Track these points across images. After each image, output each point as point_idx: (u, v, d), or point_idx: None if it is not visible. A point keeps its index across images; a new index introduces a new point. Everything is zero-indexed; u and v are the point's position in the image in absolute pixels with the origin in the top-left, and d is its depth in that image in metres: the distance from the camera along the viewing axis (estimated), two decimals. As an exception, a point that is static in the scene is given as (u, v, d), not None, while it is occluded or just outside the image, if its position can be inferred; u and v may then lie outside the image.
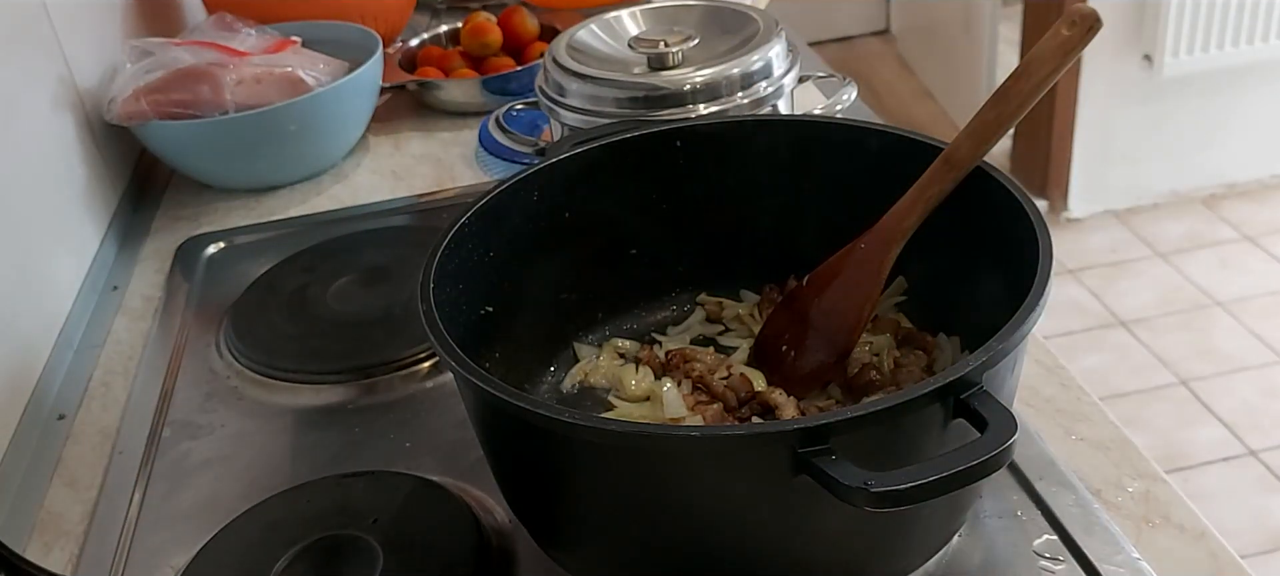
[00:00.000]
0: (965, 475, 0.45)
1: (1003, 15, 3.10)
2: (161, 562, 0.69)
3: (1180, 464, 2.10)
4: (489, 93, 1.25)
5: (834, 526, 0.53)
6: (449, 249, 0.65)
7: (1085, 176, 2.78)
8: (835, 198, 0.73)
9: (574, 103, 0.90)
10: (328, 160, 1.19)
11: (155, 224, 1.13)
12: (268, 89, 1.11)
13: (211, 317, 0.93)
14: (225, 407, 0.82)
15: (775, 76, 0.90)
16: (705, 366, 0.72)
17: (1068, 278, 2.63)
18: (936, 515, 0.57)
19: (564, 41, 0.94)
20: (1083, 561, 0.61)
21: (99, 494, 0.76)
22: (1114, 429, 0.71)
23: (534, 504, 0.61)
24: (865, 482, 0.45)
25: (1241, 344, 2.39)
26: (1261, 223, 2.76)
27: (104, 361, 0.91)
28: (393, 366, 0.83)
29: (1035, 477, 0.66)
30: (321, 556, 0.64)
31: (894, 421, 0.49)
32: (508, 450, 0.60)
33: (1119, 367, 2.35)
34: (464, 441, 0.72)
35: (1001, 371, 0.52)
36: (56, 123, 1.03)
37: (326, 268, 0.95)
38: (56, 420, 0.84)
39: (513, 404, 0.52)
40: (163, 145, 1.13)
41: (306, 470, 0.74)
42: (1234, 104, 2.75)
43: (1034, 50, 0.60)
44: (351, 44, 1.23)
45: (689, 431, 0.55)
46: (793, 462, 0.47)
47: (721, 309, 0.79)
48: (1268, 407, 2.21)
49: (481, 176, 1.15)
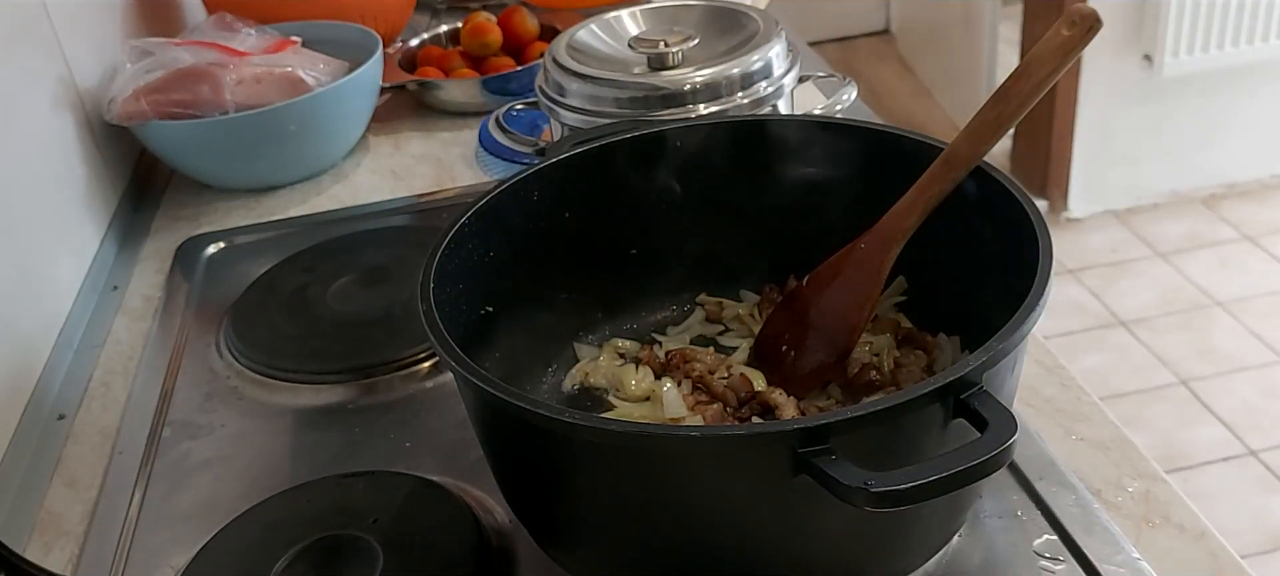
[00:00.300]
0: (965, 475, 0.45)
1: (1003, 15, 3.10)
2: (161, 562, 0.69)
3: (1180, 464, 2.10)
4: (489, 93, 1.25)
5: (834, 526, 0.53)
6: (449, 249, 0.65)
7: (1085, 176, 2.78)
8: (835, 197, 0.73)
9: (574, 103, 0.90)
10: (328, 160, 1.19)
11: (155, 224, 1.13)
12: (268, 89, 1.11)
13: (211, 317, 0.93)
14: (225, 407, 0.82)
15: (775, 76, 0.90)
16: (705, 366, 0.72)
17: (1068, 277, 2.63)
18: (936, 515, 0.57)
19: (564, 41, 0.94)
20: (1083, 561, 0.61)
21: (99, 494, 0.76)
22: (1114, 429, 0.71)
23: (534, 504, 0.61)
24: (865, 482, 0.45)
25: (1241, 344, 2.39)
26: (1261, 223, 2.76)
27: (104, 361, 0.91)
28: (393, 366, 0.83)
29: (1035, 477, 0.66)
30: (321, 556, 0.64)
31: (894, 421, 0.49)
32: (508, 450, 0.60)
33: (1119, 367, 2.35)
34: (464, 441, 0.72)
35: (1001, 371, 0.52)
36: (56, 123, 1.03)
37: (326, 268, 0.95)
38: (56, 420, 0.84)
39: (513, 404, 0.52)
40: (163, 145, 1.13)
41: (306, 470, 0.74)
42: (1234, 104, 2.75)
43: (1034, 50, 0.60)
44: (351, 44, 1.23)
45: (689, 431, 0.55)
46: (793, 462, 0.47)
47: (721, 309, 0.79)
48: (1268, 407, 2.21)
49: (481, 176, 1.15)
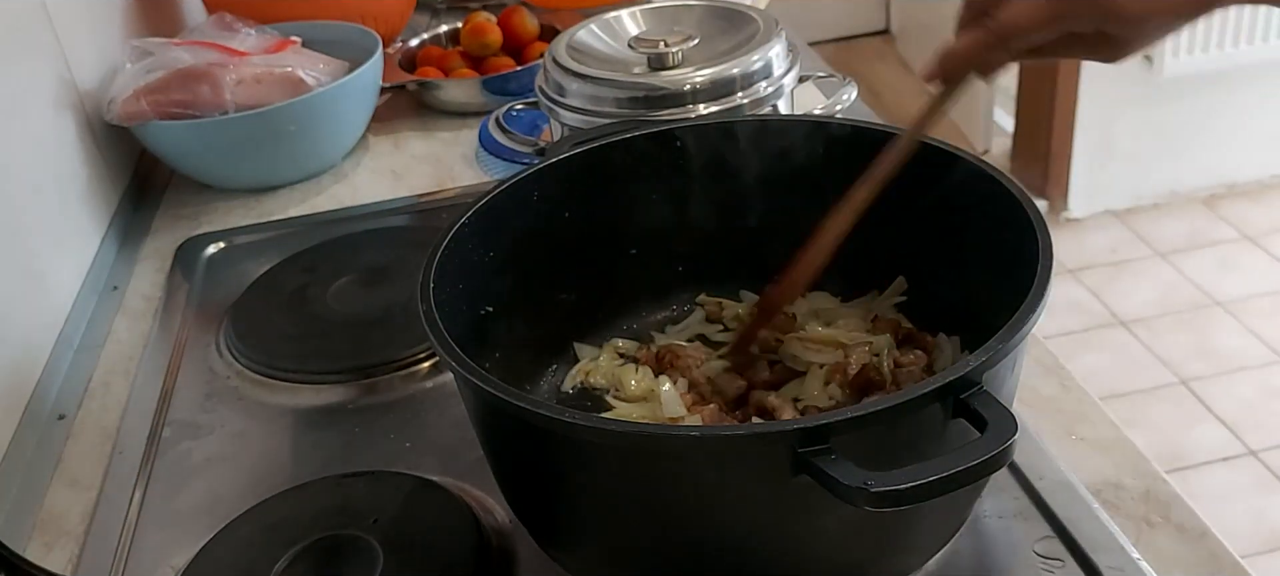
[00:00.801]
0: (965, 475, 0.45)
1: (1003, 15, 3.10)
2: (161, 562, 0.69)
3: (1180, 464, 2.10)
4: (489, 93, 1.25)
5: (834, 526, 0.53)
6: (449, 249, 0.65)
7: (1085, 176, 2.78)
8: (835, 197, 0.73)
9: (574, 103, 0.90)
10: (328, 160, 1.19)
11: (155, 224, 1.13)
12: (268, 89, 1.11)
13: (211, 317, 0.93)
14: (225, 407, 0.82)
15: (775, 76, 0.90)
16: (692, 361, 0.72)
17: (1068, 278, 2.63)
18: (937, 515, 0.57)
19: (564, 41, 0.94)
20: (1083, 561, 0.61)
21: (99, 494, 0.76)
22: (1114, 429, 0.71)
23: (533, 504, 0.61)
24: (865, 482, 0.45)
25: (1241, 344, 2.39)
26: (1261, 223, 2.76)
27: (104, 361, 0.91)
28: (393, 366, 0.83)
29: (1035, 477, 0.66)
30: (321, 556, 0.64)
31: (894, 421, 0.48)
32: (507, 450, 0.60)
33: (1119, 367, 2.35)
34: (464, 441, 0.72)
35: (1001, 371, 0.52)
36: (57, 123, 1.03)
37: (326, 267, 0.95)
38: (56, 420, 0.84)
39: (512, 404, 0.52)
40: (163, 145, 1.13)
41: (306, 470, 0.74)
42: (1234, 104, 2.75)
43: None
44: (351, 44, 1.23)
45: (688, 431, 0.55)
46: (793, 462, 0.47)
47: (721, 309, 0.79)
48: (1268, 407, 2.21)
49: (481, 176, 1.15)
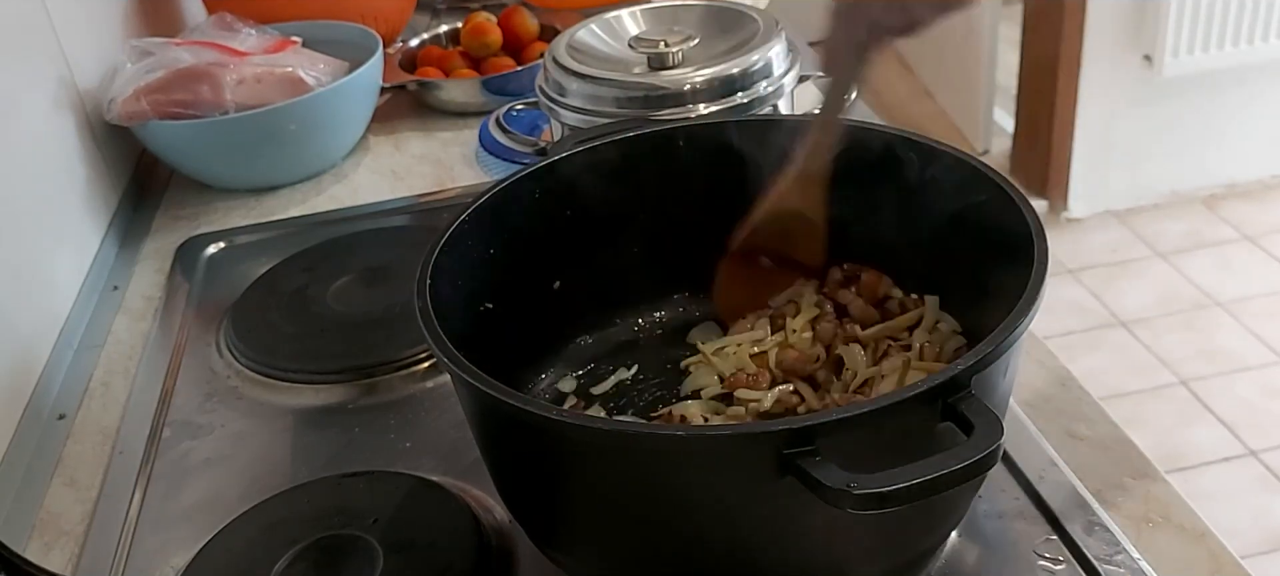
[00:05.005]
0: (949, 478, 0.45)
1: (1003, 16, 3.10)
2: (161, 562, 0.69)
3: (1180, 464, 2.10)
4: (489, 93, 1.25)
5: (823, 526, 0.52)
6: (447, 246, 0.65)
7: (1085, 176, 2.78)
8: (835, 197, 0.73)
9: (574, 103, 0.90)
10: (328, 160, 1.19)
11: (155, 224, 1.13)
12: (268, 89, 1.11)
13: (211, 317, 0.93)
14: (225, 407, 0.82)
15: (775, 76, 0.90)
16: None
17: (1068, 278, 2.63)
18: (930, 516, 0.57)
19: (564, 41, 0.94)
20: (1083, 561, 0.61)
21: (99, 494, 0.76)
22: (1114, 429, 0.71)
23: (528, 502, 0.61)
24: (848, 484, 0.44)
25: (1241, 344, 2.39)
26: (1261, 223, 2.75)
27: (104, 361, 0.91)
28: (392, 366, 0.83)
29: (1035, 478, 0.66)
30: (321, 556, 0.64)
31: (880, 424, 0.48)
32: (501, 448, 0.60)
33: (1119, 367, 2.35)
34: (464, 441, 0.72)
35: (992, 375, 0.52)
36: (57, 123, 1.03)
37: (326, 267, 0.95)
38: (56, 420, 0.84)
39: (506, 402, 0.52)
40: (163, 145, 1.13)
41: (306, 470, 0.74)
42: (1234, 104, 2.75)
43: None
44: (351, 44, 1.23)
45: (675, 431, 0.56)
46: (778, 463, 0.47)
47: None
48: (1268, 407, 2.21)
49: (481, 176, 1.15)
